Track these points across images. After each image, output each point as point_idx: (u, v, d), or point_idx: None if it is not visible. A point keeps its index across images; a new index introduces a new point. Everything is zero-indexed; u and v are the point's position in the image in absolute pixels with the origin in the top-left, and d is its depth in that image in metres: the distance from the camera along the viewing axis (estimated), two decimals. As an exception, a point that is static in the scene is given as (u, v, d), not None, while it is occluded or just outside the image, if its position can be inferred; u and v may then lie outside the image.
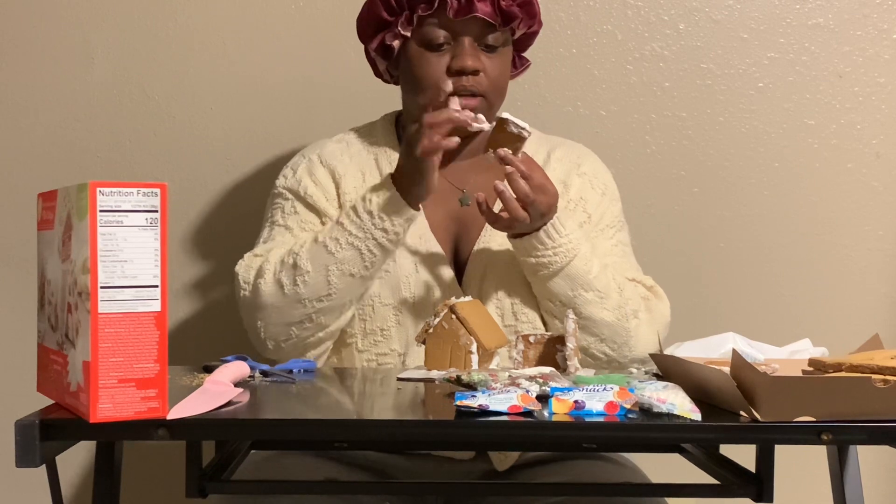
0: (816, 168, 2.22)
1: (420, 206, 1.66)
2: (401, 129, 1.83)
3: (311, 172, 1.78)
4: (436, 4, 1.66)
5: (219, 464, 1.43)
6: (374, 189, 1.65)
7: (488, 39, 1.69)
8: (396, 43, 1.72)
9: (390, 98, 1.87)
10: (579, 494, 1.39)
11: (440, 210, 1.75)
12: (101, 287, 1.07)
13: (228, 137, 2.20)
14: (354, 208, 1.65)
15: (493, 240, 1.73)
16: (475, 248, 1.74)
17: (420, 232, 1.72)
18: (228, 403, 1.21)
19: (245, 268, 1.71)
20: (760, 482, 1.35)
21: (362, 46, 1.79)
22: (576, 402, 1.16)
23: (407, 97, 1.78)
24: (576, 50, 2.19)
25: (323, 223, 1.75)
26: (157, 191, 1.10)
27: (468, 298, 1.54)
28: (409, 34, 1.70)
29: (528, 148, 1.71)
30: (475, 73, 1.68)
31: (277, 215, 1.78)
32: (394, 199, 1.63)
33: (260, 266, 1.69)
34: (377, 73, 1.82)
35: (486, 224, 1.70)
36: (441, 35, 1.68)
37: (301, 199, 1.76)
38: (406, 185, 1.63)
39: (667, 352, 1.45)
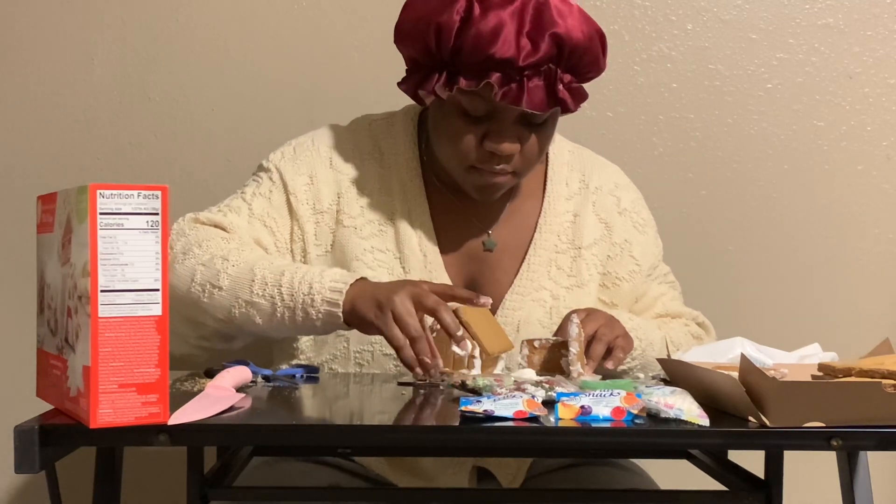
0: (826, 170, 2.21)
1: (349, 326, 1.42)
2: (423, 132, 1.68)
3: (312, 170, 1.62)
4: (481, 85, 1.46)
5: (220, 470, 1.43)
6: (335, 277, 1.42)
7: (535, 118, 1.52)
8: (430, 99, 1.53)
9: (394, 99, 1.85)
10: (585, 501, 1.38)
11: (459, 245, 1.65)
12: (102, 291, 1.06)
13: (230, 139, 2.19)
14: (307, 280, 1.43)
15: (528, 290, 1.64)
16: (507, 297, 1.64)
17: (432, 268, 1.62)
18: (230, 409, 1.20)
19: (178, 233, 1.54)
20: (769, 488, 1.34)
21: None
22: (582, 407, 1.15)
23: (435, 138, 1.61)
24: (582, 51, 2.18)
25: (291, 227, 1.61)
26: (158, 193, 1.09)
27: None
28: (444, 97, 1.50)
29: (559, 171, 1.69)
30: (510, 156, 1.53)
31: (249, 190, 1.63)
32: (334, 299, 1.41)
33: (190, 245, 1.50)
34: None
35: (521, 271, 1.65)
36: (482, 109, 1.50)
37: (284, 191, 1.61)
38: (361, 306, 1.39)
39: (674, 356, 1.44)
